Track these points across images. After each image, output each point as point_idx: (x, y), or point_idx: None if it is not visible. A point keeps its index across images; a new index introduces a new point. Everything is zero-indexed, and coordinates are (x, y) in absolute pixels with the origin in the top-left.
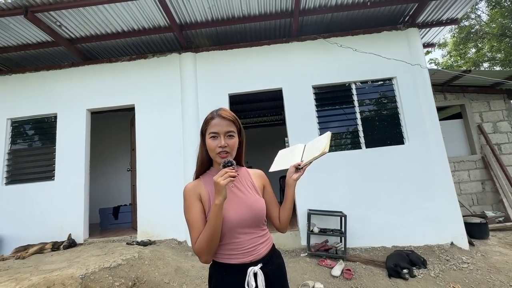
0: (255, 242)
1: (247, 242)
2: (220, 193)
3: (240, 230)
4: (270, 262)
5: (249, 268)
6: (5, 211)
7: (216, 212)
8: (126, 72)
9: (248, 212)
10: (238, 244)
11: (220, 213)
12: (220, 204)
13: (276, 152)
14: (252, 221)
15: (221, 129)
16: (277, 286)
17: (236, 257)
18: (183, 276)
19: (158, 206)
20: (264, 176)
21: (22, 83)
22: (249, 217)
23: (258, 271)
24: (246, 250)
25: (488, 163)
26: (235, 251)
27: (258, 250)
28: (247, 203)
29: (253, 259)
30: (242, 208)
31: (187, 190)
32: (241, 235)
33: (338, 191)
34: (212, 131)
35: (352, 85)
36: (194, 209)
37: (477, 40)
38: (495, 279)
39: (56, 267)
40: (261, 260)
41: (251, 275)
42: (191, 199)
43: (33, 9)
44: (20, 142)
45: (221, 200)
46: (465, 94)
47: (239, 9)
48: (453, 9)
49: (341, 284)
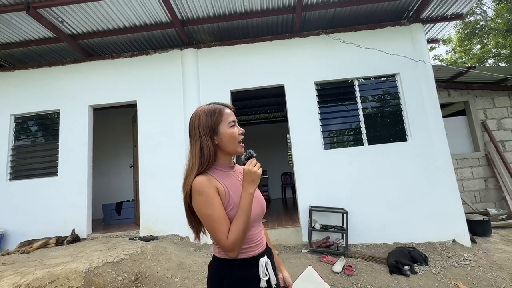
0: (261, 235)
1: (257, 234)
2: (255, 182)
3: (253, 223)
4: (269, 252)
5: (261, 259)
6: (10, 206)
7: (250, 200)
8: (128, 68)
9: (259, 205)
10: (251, 236)
11: (252, 201)
12: (253, 193)
13: (277, 149)
14: (261, 214)
15: (235, 118)
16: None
17: (248, 250)
18: (185, 271)
19: (160, 202)
20: None
21: (25, 80)
22: (260, 210)
23: (267, 261)
24: (257, 242)
25: (491, 160)
26: (248, 244)
27: (263, 241)
28: (257, 196)
29: (261, 250)
30: (255, 201)
31: (203, 183)
32: (253, 228)
33: (340, 187)
34: (232, 120)
35: (355, 81)
36: (216, 203)
37: (482, 36)
38: (497, 276)
39: (60, 261)
40: (266, 251)
41: (263, 265)
42: (211, 192)
43: (35, 5)
44: (23, 138)
45: (255, 189)
46: (469, 90)
47: (241, 5)
48: (458, 4)
49: (342, 280)
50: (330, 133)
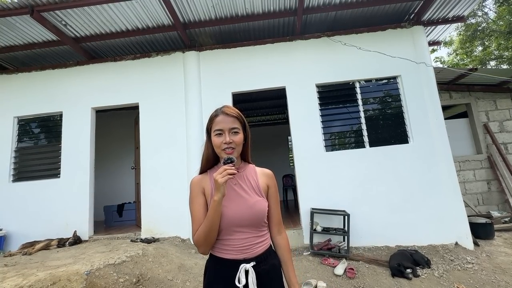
0: (251, 242)
1: (242, 240)
2: (219, 190)
3: (237, 228)
4: (264, 262)
5: (241, 265)
6: (12, 207)
7: (214, 208)
8: (130, 70)
9: (248, 212)
10: (233, 241)
11: (218, 209)
12: (218, 201)
13: (278, 151)
14: (251, 221)
15: (225, 126)
16: (270, 286)
17: (229, 252)
18: (187, 273)
19: (161, 204)
20: (270, 176)
21: (28, 82)
22: (249, 217)
23: (249, 269)
24: (240, 248)
25: (494, 162)
26: (230, 247)
27: (253, 249)
28: (249, 203)
29: (247, 256)
30: (242, 207)
31: (193, 183)
32: (237, 233)
33: (341, 190)
34: (217, 128)
35: (356, 84)
36: (196, 202)
37: (484, 38)
38: (500, 279)
39: (62, 263)
40: (255, 258)
41: (242, 271)
42: (195, 192)
43: (39, 8)
44: (26, 140)
45: (220, 197)
46: (471, 92)
47: (242, 8)
48: (459, 7)
49: (344, 283)
50: (331, 135)
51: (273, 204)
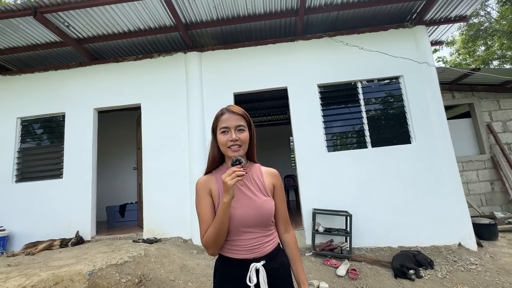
0: (260, 241)
1: (251, 240)
2: (228, 192)
3: (245, 229)
4: (274, 260)
5: (252, 264)
6: (15, 208)
7: (224, 209)
8: (132, 71)
9: (255, 213)
10: (242, 241)
11: (227, 211)
12: (228, 203)
13: (280, 152)
14: (259, 222)
15: (231, 124)
16: (280, 284)
17: (239, 252)
18: (189, 274)
19: (163, 204)
20: (276, 176)
21: (31, 83)
22: (256, 217)
23: (260, 268)
24: (250, 247)
25: (497, 163)
26: (239, 247)
27: (262, 248)
28: (256, 203)
29: (256, 256)
30: (250, 208)
31: (199, 185)
32: (246, 233)
33: (343, 190)
34: (223, 126)
35: (358, 84)
36: (204, 203)
37: (486, 37)
38: (504, 281)
39: (65, 263)
40: (265, 257)
41: (253, 270)
42: (202, 193)
43: (42, 10)
44: (29, 140)
45: (229, 199)
46: (474, 92)
47: (244, 8)
48: (462, 6)
49: (346, 284)
50: (333, 135)
51: (280, 203)
